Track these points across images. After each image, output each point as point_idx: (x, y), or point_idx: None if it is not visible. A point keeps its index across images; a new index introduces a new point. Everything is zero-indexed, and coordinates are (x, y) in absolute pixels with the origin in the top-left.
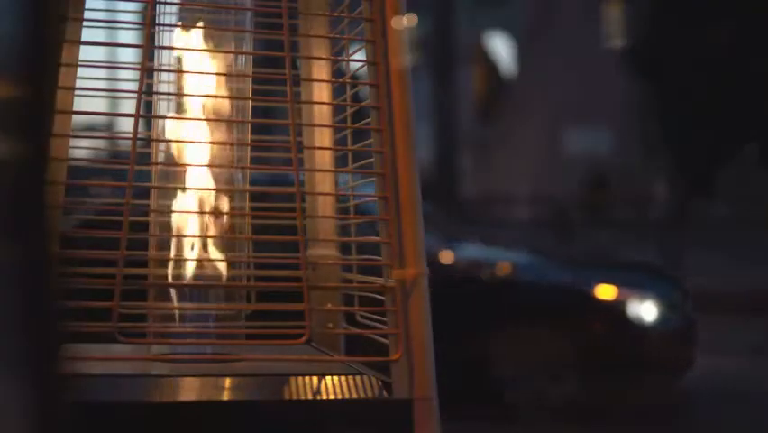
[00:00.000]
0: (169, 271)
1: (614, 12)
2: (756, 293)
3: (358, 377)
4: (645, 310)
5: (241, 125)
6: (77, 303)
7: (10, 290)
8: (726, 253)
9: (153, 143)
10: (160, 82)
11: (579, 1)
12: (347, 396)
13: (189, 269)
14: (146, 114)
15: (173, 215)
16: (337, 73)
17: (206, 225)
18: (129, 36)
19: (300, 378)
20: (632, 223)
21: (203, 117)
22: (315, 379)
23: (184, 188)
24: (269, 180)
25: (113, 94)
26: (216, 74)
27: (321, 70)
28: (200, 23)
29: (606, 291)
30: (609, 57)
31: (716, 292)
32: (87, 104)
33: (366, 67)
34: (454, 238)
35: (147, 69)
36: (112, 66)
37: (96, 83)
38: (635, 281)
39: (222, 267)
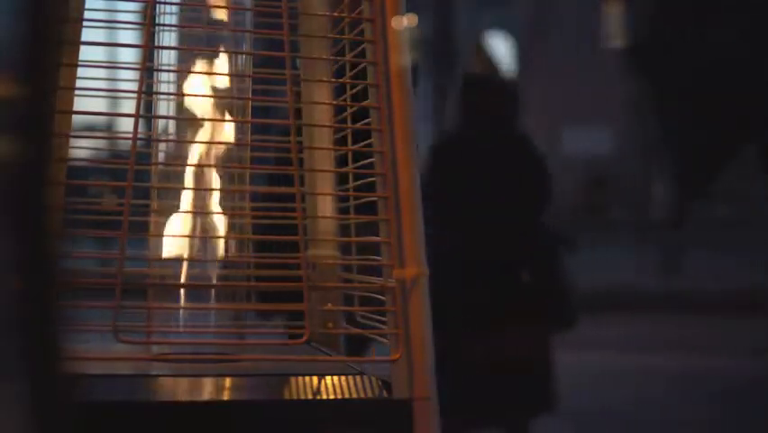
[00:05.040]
0: (169, 271)
1: (614, 12)
2: (756, 293)
3: (358, 377)
4: None
5: (240, 125)
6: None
7: (10, 290)
8: (726, 254)
9: (153, 143)
10: (159, 82)
11: (579, 0)
12: (347, 396)
13: (189, 269)
14: (146, 114)
15: (173, 214)
16: (337, 73)
17: (206, 224)
18: (129, 36)
19: (300, 378)
20: (631, 223)
21: (203, 117)
22: (314, 379)
23: (184, 189)
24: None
25: (113, 94)
26: (216, 74)
27: (321, 70)
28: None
29: None
30: (609, 57)
31: (716, 292)
32: (87, 104)
33: (366, 67)
34: None
35: (147, 69)
36: (112, 66)
37: (96, 83)
38: None
39: (221, 267)
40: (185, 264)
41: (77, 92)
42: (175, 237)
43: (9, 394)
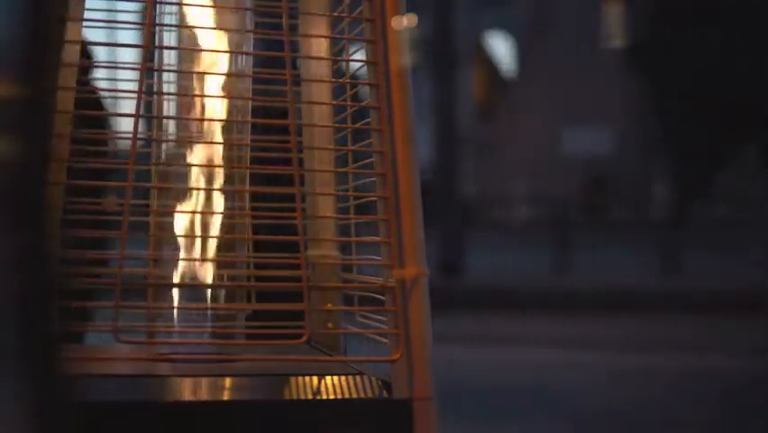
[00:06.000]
0: (169, 272)
1: (614, 12)
2: (756, 293)
3: (358, 377)
4: None
5: (240, 125)
6: (78, 303)
7: (10, 289)
8: (726, 254)
9: (153, 143)
10: (159, 82)
11: (579, 1)
12: (347, 396)
13: (189, 269)
14: (146, 114)
15: (172, 215)
16: (337, 73)
17: (206, 225)
18: (129, 36)
19: (300, 378)
20: (631, 223)
21: (203, 118)
22: (314, 379)
23: (184, 189)
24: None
25: (113, 94)
26: (216, 74)
27: (321, 70)
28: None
29: None
30: (609, 57)
31: (716, 292)
32: None
33: (366, 67)
34: None
35: (147, 69)
36: (112, 66)
37: (96, 83)
38: None
39: (222, 267)
40: (184, 264)
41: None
42: (174, 238)
43: (9, 394)
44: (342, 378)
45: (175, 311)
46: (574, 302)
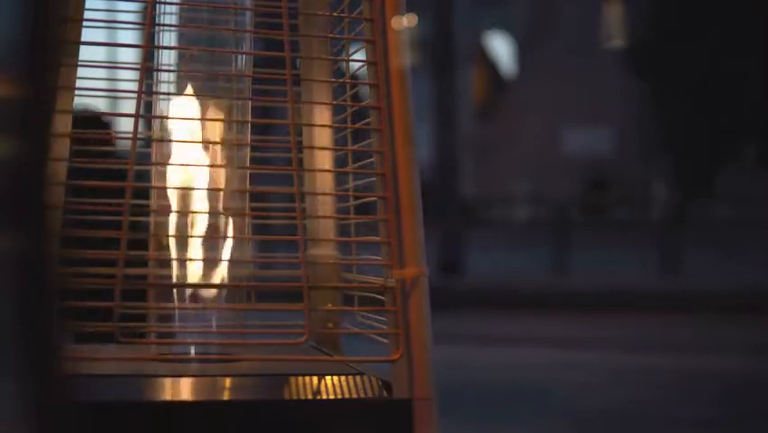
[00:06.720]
0: (169, 272)
1: (614, 12)
2: (756, 293)
3: (358, 377)
4: None
5: (240, 125)
6: (78, 303)
7: (9, 289)
8: (726, 254)
9: (153, 143)
10: (159, 82)
11: (579, 1)
12: (347, 396)
13: (189, 269)
14: (146, 114)
15: (172, 215)
16: (337, 73)
17: (206, 225)
18: (129, 36)
19: (300, 378)
20: (632, 223)
21: (202, 118)
22: (314, 379)
23: (184, 188)
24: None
25: (113, 94)
26: (217, 74)
27: (321, 70)
28: (200, 24)
29: None
30: (609, 57)
31: (716, 292)
32: (87, 104)
33: (366, 67)
34: None
35: (147, 69)
36: (112, 66)
37: (96, 83)
38: None
39: (222, 267)
40: (184, 264)
41: (77, 92)
42: (174, 238)
43: (9, 394)
44: (342, 378)
45: (175, 312)
46: (574, 302)
